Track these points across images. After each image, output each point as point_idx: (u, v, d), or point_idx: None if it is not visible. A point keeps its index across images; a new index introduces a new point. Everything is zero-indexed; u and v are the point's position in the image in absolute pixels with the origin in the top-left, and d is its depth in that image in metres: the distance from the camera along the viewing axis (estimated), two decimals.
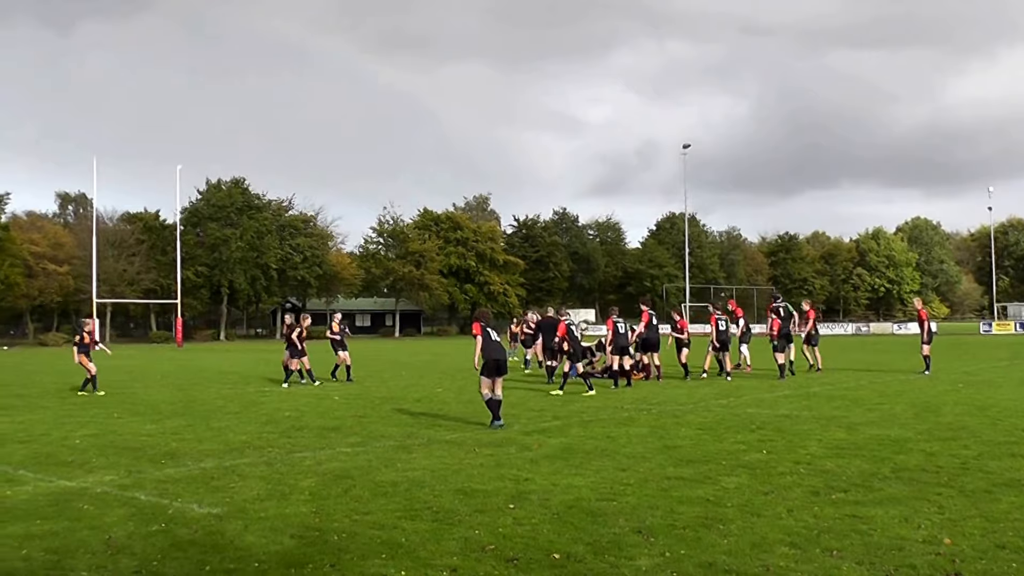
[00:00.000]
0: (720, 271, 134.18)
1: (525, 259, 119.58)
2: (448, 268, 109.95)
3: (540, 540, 8.06)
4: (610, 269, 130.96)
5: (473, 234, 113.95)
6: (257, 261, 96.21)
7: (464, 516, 9.02)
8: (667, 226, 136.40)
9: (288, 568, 7.23)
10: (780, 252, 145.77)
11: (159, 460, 12.82)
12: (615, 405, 19.88)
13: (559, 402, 20.59)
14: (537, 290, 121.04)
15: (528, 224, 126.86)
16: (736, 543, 7.90)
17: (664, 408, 19.19)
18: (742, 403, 19.99)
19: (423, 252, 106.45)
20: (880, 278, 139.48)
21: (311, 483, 10.87)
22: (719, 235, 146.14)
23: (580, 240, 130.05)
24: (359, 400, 21.54)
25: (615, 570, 7.16)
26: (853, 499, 9.73)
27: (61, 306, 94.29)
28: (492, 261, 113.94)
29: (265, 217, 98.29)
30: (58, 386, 27.86)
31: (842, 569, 7.13)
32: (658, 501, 9.66)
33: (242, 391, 24.77)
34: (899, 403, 19.47)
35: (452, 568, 7.22)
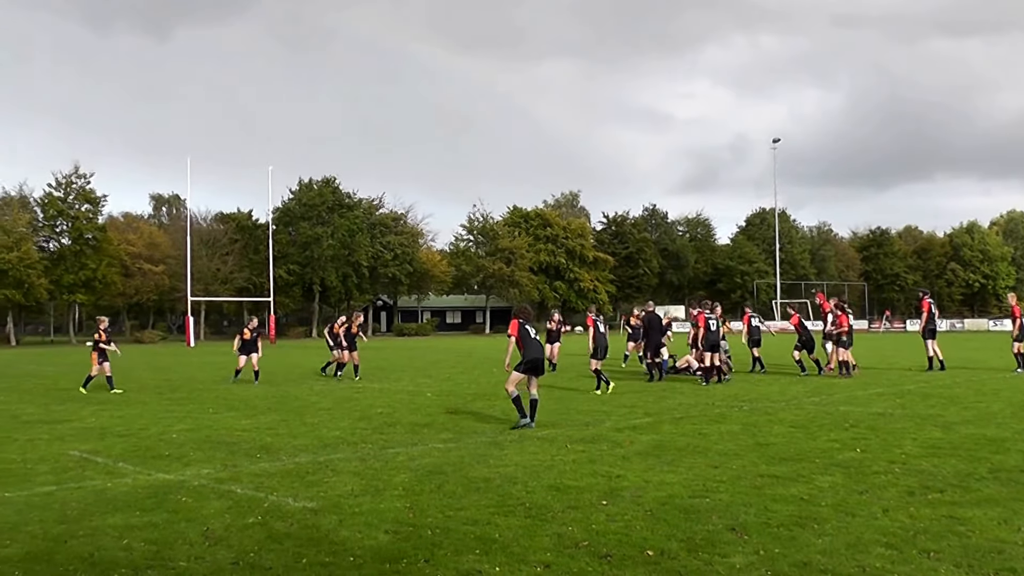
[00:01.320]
0: (811, 267, 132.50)
1: (615, 256, 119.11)
2: (538, 265, 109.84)
3: (633, 537, 8.05)
4: (700, 265, 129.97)
5: (563, 231, 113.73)
6: (348, 259, 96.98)
7: (557, 512, 9.03)
8: (757, 222, 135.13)
9: (383, 563, 7.29)
10: (872, 247, 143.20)
11: (254, 454, 13.04)
12: (706, 402, 19.77)
13: (651, 399, 20.50)
14: (627, 287, 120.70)
15: (617, 221, 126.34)
16: (831, 543, 7.82)
17: (756, 405, 19.01)
18: (835, 401, 19.75)
19: (513, 249, 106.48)
20: (974, 273, 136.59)
21: (404, 479, 10.96)
22: (810, 230, 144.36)
23: (669, 236, 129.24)
24: (450, 397, 21.64)
25: (709, 568, 7.12)
26: (950, 499, 9.57)
27: (156, 304, 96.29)
28: (582, 258, 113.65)
29: (356, 215, 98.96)
30: (155, 381, 28.37)
31: (939, 572, 7.02)
32: (751, 499, 9.60)
33: (335, 387, 25.00)
34: (996, 402, 19.11)
35: (545, 564, 7.24)
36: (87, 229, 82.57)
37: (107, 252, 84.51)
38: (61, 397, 22.93)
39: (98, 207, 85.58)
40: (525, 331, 16.25)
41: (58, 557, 7.61)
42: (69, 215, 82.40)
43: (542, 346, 16.50)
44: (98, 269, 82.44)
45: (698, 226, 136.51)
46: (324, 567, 7.20)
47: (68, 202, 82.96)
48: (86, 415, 18.60)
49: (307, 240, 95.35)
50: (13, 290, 75.59)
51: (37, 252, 79.85)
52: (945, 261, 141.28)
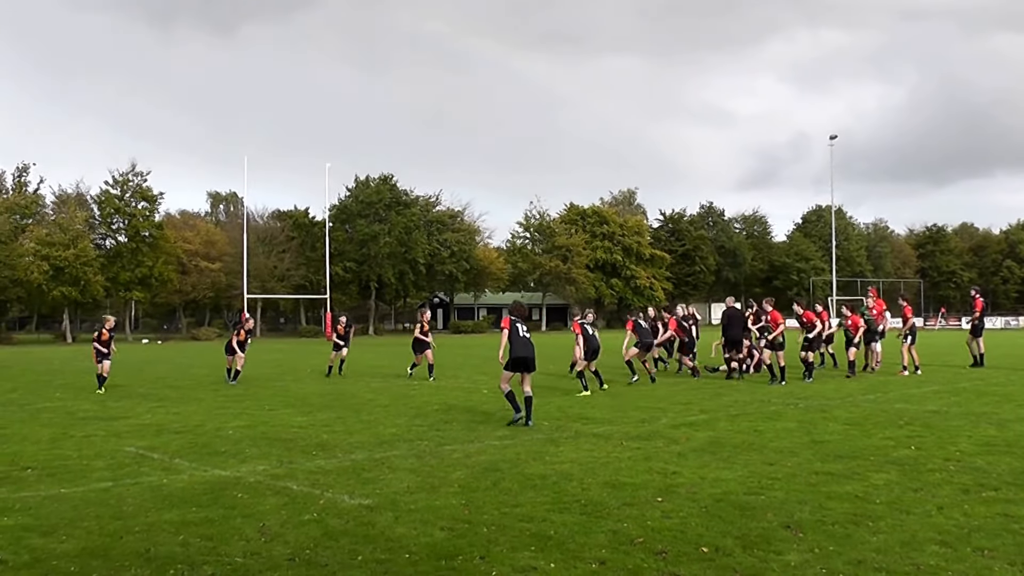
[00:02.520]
0: (867, 264, 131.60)
1: (671, 253, 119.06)
2: (594, 262, 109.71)
3: (689, 533, 8.07)
4: (756, 263, 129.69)
5: (619, 228, 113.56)
6: (405, 256, 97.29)
7: (612, 509, 9.06)
8: (813, 219, 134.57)
9: (439, 560, 7.34)
10: (928, 244, 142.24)
11: (310, 451, 13.14)
12: (762, 399, 19.75)
13: (706, 396, 20.47)
14: (683, 284, 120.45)
15: (674, 218, 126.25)
16: (886, 541, 7.82)
17: (811, 403, 18.91)
18: (889, 399, 19.65)
19: (570, 246, 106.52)
20: None
21: (460, 475, 11.02)
22: (866, 227, 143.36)
23: (726, 234, 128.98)
24: (476, 395, 21.70)
25: (764, 565, 7.13)
26: (1004, 497, 9.56)
27: (213, 301, 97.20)
28: (638, 255, 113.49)
29: (413, 213, 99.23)
30: (212, 379, 28.69)
31: (994, 570, 7.02)
32: (807, 496, 9.61)
33: (391, 384, 25.14)
34: None
35: (601, 561, 7.26)
36: (144, 227, 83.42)
37: (164, 249, 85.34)
38: (117, 394, 23.16)
39: (155, 205, 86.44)
40: (515, 329, 16.47)
41: (114, 552, 7.72)
42: (126, 212, 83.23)
43: (530, 344, 16.58)
44: (155, 266, 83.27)
45: (755, 223, 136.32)
46: (380, 564, 7.25)
47: (125, 200, 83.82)
48: (142, 412, 18.84)
49: (364, 237, 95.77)
50: (70, 287, 76.40)
51: (94, 249, 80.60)
52: (1001, 258, 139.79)
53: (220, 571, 7.12)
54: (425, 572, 7.04)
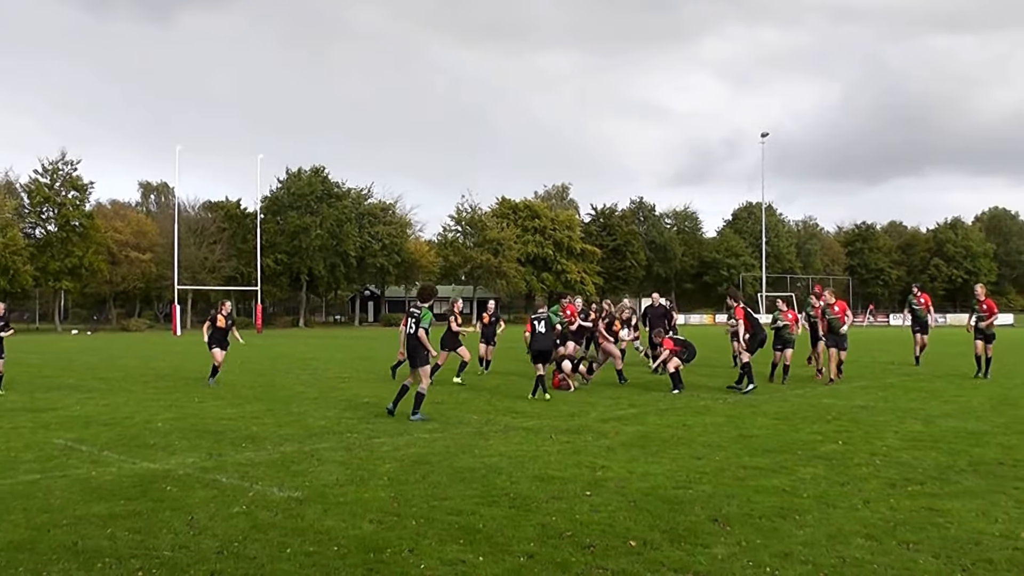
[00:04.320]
0: (797, 261, 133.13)
1: (602, 248, 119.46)
2: (526, 256, 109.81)
3: (617, 527, 8.12)
4: (687, 258, 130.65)
5: (551, 223, 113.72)
6: (336, 249, 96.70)
7: (541, 503, 9.09)
8: (744, 215, 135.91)
9: (367, 552, 7.33)
10: (857, 242, 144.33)
11: (240, 444, 13.04)
12: (691, 394, 19.87)
13: (635, 390, 20.58)
14: (614, 279, 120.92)
15: (606, 213, 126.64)
16: (812, 534, 7.93)
17: (740, 398, 19.12)
18: (818, 394, 19.88)
19: (501, 240, 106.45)
20: (957, 269, 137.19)
21: (390, 468, 10.99)
22: (796, 224, 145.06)
23: (657, 229, 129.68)
24: (436, 387, 21.49)
25: (691, 558, 7.20)
26: (930, 492, 9.73)
27: (143, 292, 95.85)
28: (569, 250, 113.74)
29: (345, 205, 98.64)
30: (141, 370, 28.28)
31: (918, 562, 7.13)
32: (734, 490, 9.72)
33: (321, 377, 25.00)
34: (976, 396, 19.30)
35: (529, 554, 7.29)
36: (74, 216, 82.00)
37: (94, 239, 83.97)
38: (46, 385, 22.85)
39: (85, 194, 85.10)
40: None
41: (41, 546, 7.60)
42: (56, 202, 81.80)
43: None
44: (84, 256, 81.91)
45: (685, 219, 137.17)
46: (308, 556, 7.23)
47: (55, 189, 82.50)
48: (71, 403, 18.54)
49: (295, 229, 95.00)
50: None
51: (23, 239, 79.43)
52: (929, 256, 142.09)
53: (148, 565, 7.03)
54: (353, 565, 7.01)
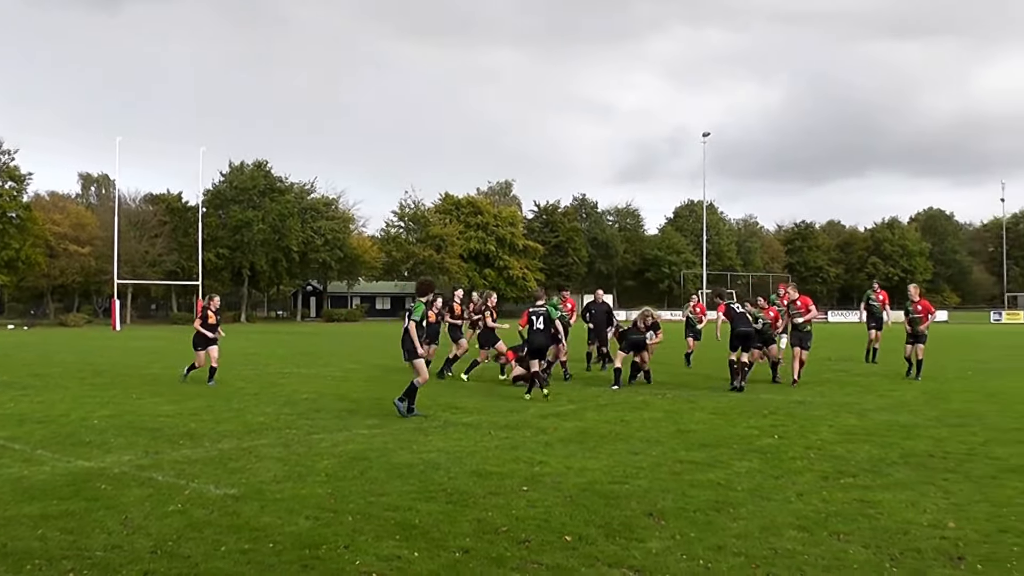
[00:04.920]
0: (737, 258, 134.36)
1: (545, 244, 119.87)
2: (468, 252, 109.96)
3: (553, 522, 8.15)
4: (628, 255, 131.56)
5: (494, 219, 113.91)
6: (279, 244, 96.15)
7: (478, 498, 9.11)
8: (685, 213, 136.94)
9: (303, 549, 7.30)
10: (796, 240, 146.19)
11: (177, 441, 12.88)
12: (630, 390, 19.96)
13: (575, 386, 20.63)
14: (556, 275, 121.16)
15: (548, 210, 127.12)
16: (746, 527, 8.02)
17: (679, 394, 19.24)
18: (756, 389, 20.04)
19: (444, 236, 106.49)
20: (894, 267, 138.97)
21: (328, 464, 10.95)
22: (736, 223, 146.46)
23: (599, 226, 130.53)
24: (378, 383, 21.60)
25: (626, 552, 7.25)
26: (862, 484, 9.91)
27: (82, 286, 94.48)
28: (512, 246, 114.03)
29: (287, 200, 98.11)
30: (79, 366, 27.89)
31: (849, 552, 7.26)
32: (670, 485, 9.78)
33: (262, 372, 24.85)
34: (910, 390, 19.63)
35: (465, 549, 7.30)
36: (10, 207, 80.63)
37: (31, 232, 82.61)
38: None
39: (23, 185, 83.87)
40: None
41: None
42: None
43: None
44: (21, 249, 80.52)
45: (627, 216, 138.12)
46: (243, 554, 7.18)
47: None
48: (4, 400, 18.19)
49: (238, 224, 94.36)
50: None
51: None
52: (867, 255, 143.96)
53: (79, 566, 6.93)
54: (289, 562, 6.99)
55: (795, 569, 6.85)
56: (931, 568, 6.91)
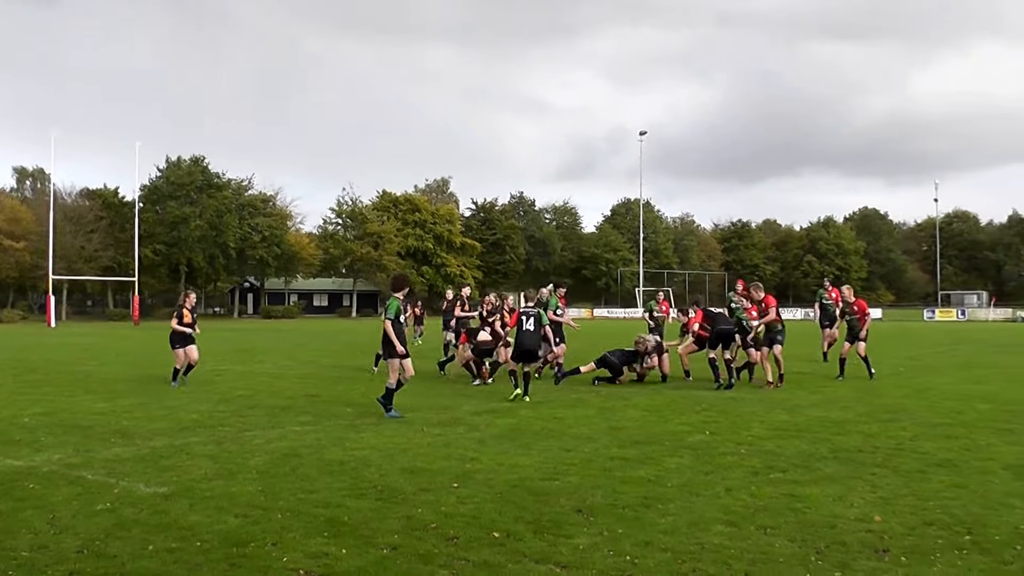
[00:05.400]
0: (674, 256, 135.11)
1: (482, 242, 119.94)
2: (406, 249, 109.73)
3: (482, 519, 8.15)
4: (566, 253, 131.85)
5: (431, 216, 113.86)
6: (216, 240, 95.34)
7: (409, 495, 9.09)
8: (622, 211, 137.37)
9: (231, 547, 7.25)
10: (733, 239, 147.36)
11: (109, 439, 12.73)
12: (566, 387, 20.04)
13: (510, 384, 20.57)
14: (494, 272, 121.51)
15: (486, 207, 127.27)
16: (674, 522, 8.04)
17: (613, 391, 19.35)
18: (690, 385, 20.21)
19: (381, 233, 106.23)
20: (829, 265, 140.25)
21: (259, 462, 10.89)
22: (673, 221, 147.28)
23: (537, 224, 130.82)
24: (313, 380, 21.53)
25: (554, 548, 7.26)
26: (791, 479, 9.96)
27: (17, 282, 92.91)
28: (449, 243, 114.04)
29: (225, 196, 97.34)
30: (11, 363, 27.46)
31: (775, 546, 7.32)
32: (600, 481, 9.80)
33: (197, 370, 24.52)
34: (842, 387, 19.88)
35: (393, 546, 7.29)
36: None
37: None
38: None
39: None
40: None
41: None
42: None
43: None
44: None
45: (565, 214, 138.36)
46: (171, 553, 7.11)
47: None
48: None
49: (175, 220, 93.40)
50: None
51: None
52: (802, 253, 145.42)
53: (4, 567, 6.84)
54: (216, 560, 6.94)
55: (721, 563, 6.89)
56: (856, 560, 6.98)
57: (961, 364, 26.93)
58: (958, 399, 17.42)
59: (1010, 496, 9.12)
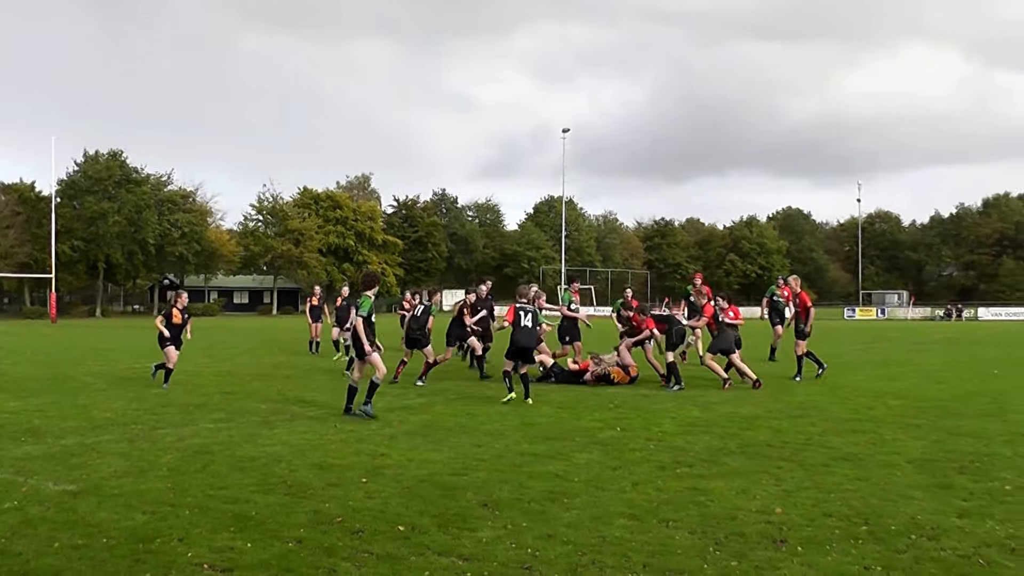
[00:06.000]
0: (596, 254, 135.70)
1: (404, 239, 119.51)
2: (327, 246, 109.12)
3: (388, 513, 8.24)
4: (488, 250, 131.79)
5: (353, 213, 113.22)
6: (135, 236, 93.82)
7: (317, 490, 9.16)
8: (545, 209, 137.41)
9: (137, 543, 7.26)
10: (656, 237, 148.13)
11: (19, 437, 12.59)
12: (482, 384, 20.10)
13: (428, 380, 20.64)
14: (415, 270, 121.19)
15: (408, 204, 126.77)
16: (578, 516, 8.16)
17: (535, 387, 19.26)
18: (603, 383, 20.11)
19: (302, 230, 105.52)
20: (751, 264, 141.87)
21: (170, 459, 10.86)
22: (596, 219, 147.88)
23: (459, 221, 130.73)
24: (229, 377, 21.44)
25: (456, 541, 7.36)
26: (697, 473, 10.11)
27: None
28: (371, 240, 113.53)
29: (144, 191, 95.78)
30: None
31: (675, 538, 7.45)
32: (509, 476, 9.89)
33: (113, 368, 24.36)
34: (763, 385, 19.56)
35: (298, 539, 7.37)
36: None
37: None
38: None
39: None
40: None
41: None
42: None
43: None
44: None
45: (487, 211, 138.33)
46: (76, 550, 7.11)
47: None
48: None
49: (93, 215, 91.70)
50: None
51: None
52: (725, 252, 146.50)
53: None
54: (121, 556, 6.95)
55: (621, 555, 7.01)
56: (753, 551, 7.15)
57: (878, 362, 27.23)
58: (871, 396, 17.67)
59: (910, 488, 9.35)
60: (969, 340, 43.14)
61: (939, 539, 7.49)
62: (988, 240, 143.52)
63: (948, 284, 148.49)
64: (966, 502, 8.76)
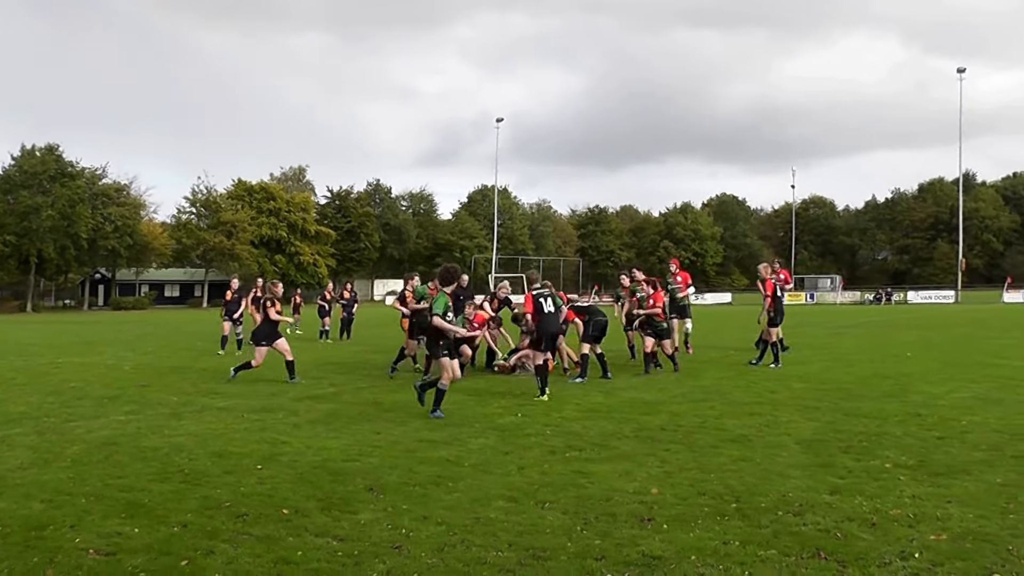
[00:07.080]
0: (530, 243, 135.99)
1: (337, 230, 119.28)
2: (259, 238, 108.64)
3: (276, 498, 8.45)
4: (421, 240, 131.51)
5: (286, 204, 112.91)
6: (68, 231, 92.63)
7: (212, 477, 9.35)
8: (479, 198, 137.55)
9: (29, 530, 7.43)
10: (589, 225, 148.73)
11: None
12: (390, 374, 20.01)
13: (339, 370, 20.79)
14: (348, 260, 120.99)
15: (341, 195, 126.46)
16: (459, 499, 8.39)
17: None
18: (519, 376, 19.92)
19: (235, 222, 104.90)
20: (686, 251, 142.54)
21: (76, 450, 10.97)
22: (530, 207, 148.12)
23: (392, 211, 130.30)
24: (147, 370, 21.43)
25: (336, 523, 7.60)
26: (585, 457, 10.28)
27: None
28: (303, 232, 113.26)
29: (78, 185, 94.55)
30: None
31: (547, 519, 7.67)
32: (400, 461, 10.07)
33: (36, 363, 24.24)
34: (664, 368, 19.75)
35: (184, 524, 7.58)
36: None
37: None
38: None
39: None
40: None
41: None
42: None
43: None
44: None
45: (421, 201, 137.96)
46: None
47: None
48: None
49: (25, 210, 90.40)
50: None
51: None
52: (659, 239, 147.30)
53: None
54: (13, 543, 7.12)
55: (490, 535, 7.21)
56: (619, 529, 7.33)
57: (792, 346, 26.00)
58: (776, 380, 17.72)
59: (791, 467, 9.54)
60: (891, 323, 43.38)
61: (804, 515, 7.68)
62: (923, 224, 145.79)
63: (882, 268, 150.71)
64: (842, 480, 8.96)
